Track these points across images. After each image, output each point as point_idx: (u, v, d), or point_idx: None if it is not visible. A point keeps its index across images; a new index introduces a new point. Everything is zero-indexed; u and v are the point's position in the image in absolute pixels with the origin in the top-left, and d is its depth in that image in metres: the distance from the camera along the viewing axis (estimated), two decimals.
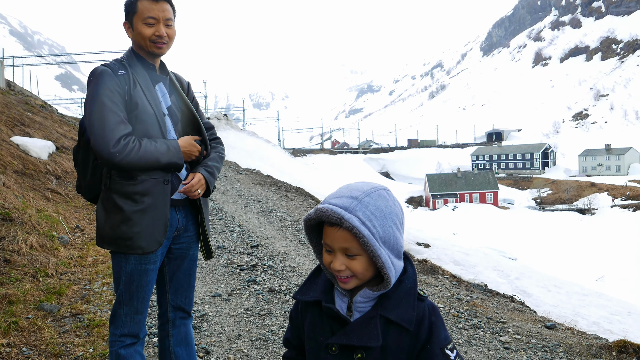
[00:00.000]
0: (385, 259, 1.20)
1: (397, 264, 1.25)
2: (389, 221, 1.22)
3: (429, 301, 1.30)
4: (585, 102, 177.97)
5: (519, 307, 4.96)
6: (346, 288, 1.27)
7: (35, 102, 14.09)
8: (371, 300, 1.26)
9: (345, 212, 1.19)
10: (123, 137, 2.00)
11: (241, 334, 3.71)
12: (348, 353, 1.25)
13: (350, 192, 1.23)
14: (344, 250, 1.22)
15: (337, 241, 1.22)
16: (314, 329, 1.34)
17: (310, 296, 1.34)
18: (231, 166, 17.24)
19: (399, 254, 1.26)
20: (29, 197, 6.35)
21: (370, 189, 1.24)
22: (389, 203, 1.24)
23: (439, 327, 1.27)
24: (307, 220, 1.26)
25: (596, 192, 68.07)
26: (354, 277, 1.24)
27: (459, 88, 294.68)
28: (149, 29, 2.13)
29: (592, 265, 23.23)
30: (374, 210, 1.20)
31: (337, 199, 1.23)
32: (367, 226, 1.18)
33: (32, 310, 3.72)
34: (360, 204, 1.20)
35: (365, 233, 1.17)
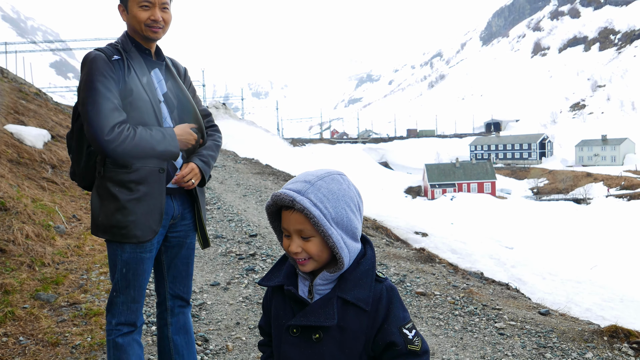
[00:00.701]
0: (336, 239, 1.24)
1: (352, 246, 1.29)
2: (341, 203, 1.27)
3: (387, 282, 1.34)
4: (583, 92, 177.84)
5: (514, 294, 4.99)
6: (305, 270, 1.31)
7: (29, 90, 13.98)
8: (330, 282, 1.31)
9: (297, 195, 1.24)
10: (117, 124, 1.97)
11: (240, 322, 3.72)
12: (308, 334, 1.30)
13: (305, 177, 1.29)
14: (299, 233, 1.27)
15: (291, 224, 1.27)
16: (278, 313, 1.38)
17: (274, 281, 1.39)
18: (230, 155, 17.20)
19: (354, 236, 1.30)
20: (24, 186, 6.32)
21: (324, 174, 1.30)
22: (342, 186, 1.29)
23: (396, 307, 1.30)
24: (267, 207, 1.32)
25: (592, 182, 68.29)
26: (311, 260, 1.29)
27: (458, 78, 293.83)
28: (144, 12, 2.09)
29: (586, 254, 23.38)
30: (326, 193, 1.26)
31: (292, 184, 1.29)
32: (319, 207, 1.23)
33: (29, 299, 3.72)
34: (313, 187, 1.26)
35: (315, 213, 1.22)
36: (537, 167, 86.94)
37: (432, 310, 4.08)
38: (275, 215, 1.35)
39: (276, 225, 1.36)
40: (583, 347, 3.32)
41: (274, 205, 1.30)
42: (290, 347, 1.32)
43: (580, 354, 3.23)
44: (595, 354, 3.22)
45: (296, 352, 1.31)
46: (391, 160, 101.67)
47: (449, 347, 3.42)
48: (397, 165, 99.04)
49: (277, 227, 1.36)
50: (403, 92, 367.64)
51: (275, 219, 1.36)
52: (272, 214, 1.34)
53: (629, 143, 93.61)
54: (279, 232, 1.36)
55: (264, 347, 1.51)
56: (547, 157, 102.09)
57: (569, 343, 3.40)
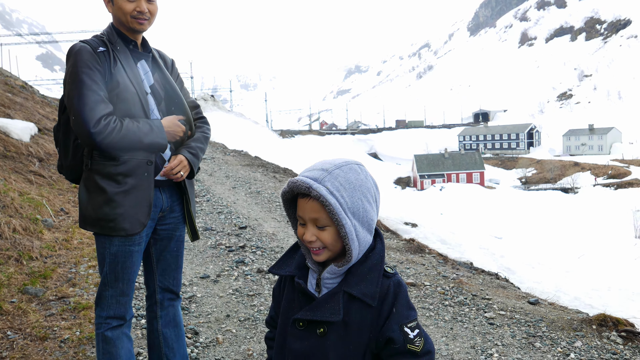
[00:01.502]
0: (349, 229, 1.22)
1: (364, 238, 1.27)
2: (358, 193, 1.25)
3: (395, 278, 1.31)
4: (570, 82, 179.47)
5: (504, 284, 5.05)
6: (318, 260, 1.29)
7: (15, 83, 13.74)
8: (338, 276, 1.29)
9: (313, 182, 1.22)
10: (104, 116, 1.94)
11: (230, 315, 3.71)
12: (312, 328, 1.29)
13: (322, 165, 1.27)
14: (314, 221, 1.25)
15: (307, 212, 1.25)
16: (288, 304, 1.37)
17: (285, 270, 1.38)
18: (219, 147, 17.10)
19: (370, 228, 1.28)
20: (10, 179, 6.23)
21: (341, 162, 1.28)
22: (359, 176, 1.27)
23: (400, 304, 1.28)
24: (283, 194, 1.30)
25: (579, 171, 69.11)
26: (325, 249, 1.27)
27: (446, 68, 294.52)
28: (129, 4, 2.06)
29: (574, 243, 23.69)
30: (343, 182, 1.24)
31: (309, 171, 1.27)
32: (335, 195, 1.22)
33: (17, 294, 3.68)
34: (330, 175, 1.24)
35: (331, 201, 1.21)
36: (525, 157, 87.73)
37: (422, 300, 4.11)
38: (291, 202, 1.33)
39: (291, 212, 1.34)
40: (572, 336, 3.37)
41: (290, 192, 1.28)
42: (294, 340, 1.31)
43: (569, 343, 3.28)
44: (584, 343, 3.27)
45: (300, 345, 1.30)
46: (380, 151, 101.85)
47: (439, 337, 3.45)
48: (386, 157, 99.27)
49: (292, 215, 1.34)
50: (391, 83, 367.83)
51: (291, 207, 1.34)
52: (287, 201, 1.32)
53: (616, 132, 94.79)
54: (294, 219, 1.34)
55: (271, 342, 1.48)
56: (535, 147, 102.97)
57: (558, 332, 3.45)
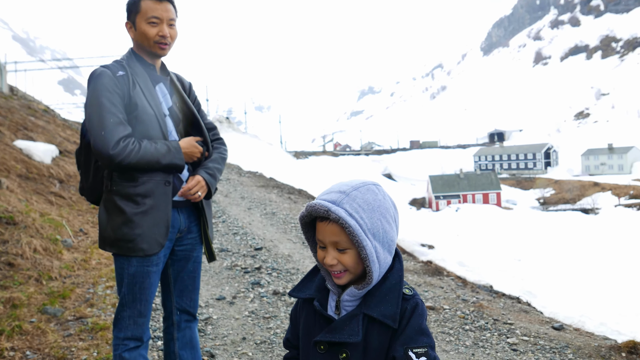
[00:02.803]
0: (370, 250, 1.20)
1: (385, 259, 1.25)
2: (376, 214, 1.23)
3: (414, 300, 1.27)
4: (587, 101, 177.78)
5: (526, 308, 4.91)
6: (340, 283, 1.28)
7: (37, 107, 14.11)
8: (357, 299, 1.27)
9: (332, 205, 1.21)
10: (122, 138, 1.98)
11: (246, 337, 3.67)
12: (335, 352, 1.27)
13: (340, 187, 1.26)
14: (335, 245, 1.24)
15: (327, 235, 1.24)
16: (307, 327, 1.36)
17: (305, 293, 1.36)
18: (234, 169, 17.23)
19: (390, 249, 1.26)
20: (32, 200, 6.34)
21: (358, 184, 1.27)
22: (377, 197, 1.25)
23: (412, 326, 1.24)
24: (301, 218, 1.29)
25: (599, 191, 67.78)
26: (347, 272, 1.25)
27: (459, 88, 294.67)
28: (152, 28, 2.11)
29: (596, 265, 23.07)
30: (362, 203, 1.22)
31: (327, 194, 1.26)
32: (354, 217, 1.20)
33: (36, 313, 3.70)
34: (348, 197, 1.23)
35: (351, 223, 1.19)
36: (543, 177, 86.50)
37: (441, 325, 4.02)
38: (309, 226, 1.32)
39: (309, 236, 1.33)
40: None
41: (308, 216, 1.28)
42: None
43: None
44: None
45: None
46: (394, 172, 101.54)
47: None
48: (400, 177, 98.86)
49: (311, 238, 1.33)
50: (405, 104, 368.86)
51: (309, 230, 1.33)
52: (305, 225, 1.32)
53: (636, 151, 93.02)
54: (313, 243, 1.33)
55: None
56: (553, 166, 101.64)
57: (586, 359, 3.33)
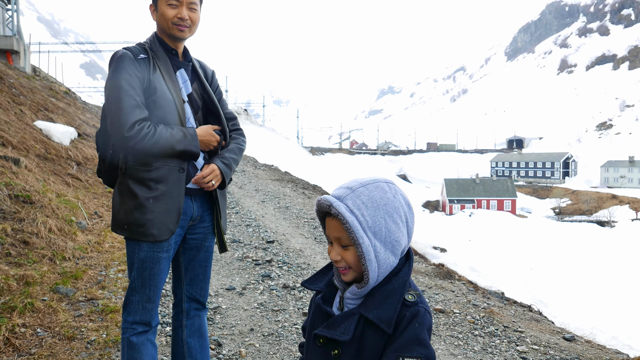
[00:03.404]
0: (366, 249, 1.18)
1: (386, 259, 1.21)
2: (381, 212, 1.20)
3: (416, 308, 1.21)
4: (610, 111, 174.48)
5: (537, 317, 4.84)
6: (346, 280, 1.27)
7: (59, 89, 14.31)
8: (359, 298, 1.26)
9: (335, 200, 1.21)
10: (138, 121, 1.96)
11: (254, 329, 3.68)
12: (329, 348, 1.26)
13: (349, 183, 1.25)
14: (338, 240, 1.24)
15: (331, 230, 1.25)
16: (313, 319, 1.37)
17: (316, 286, 1.37)
18: (249, 161, 17.29)
19: (394, 250, 1.22)
20: (49, 181, 6.43)
21: (368, 180, 1.25)
22: (386, 195, 1.22)
23: (408, 334, 1.18)
24: (316, 212, 1.30)
25: (617, 204, 66.63)
26: (351, 269, 1.24)
27: (481, 93, 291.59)
28: (171, 10, 2.10)
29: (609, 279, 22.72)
30: (366, 200, 1.20)
31: (336, 190, 1.25)
32: (355, 214, 1.19)
33: (48, 292, 3.75)
34: (353, 193, 1.21)
35: (349, 220, 1.18)
36: (560, 187, 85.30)
37: (450, 328, 3.98)
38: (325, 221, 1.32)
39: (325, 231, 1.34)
40: None
41: (319, 211, 1.28)
42: (314, 356, 1.30)
43: None
44: None
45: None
46: (410, 173, 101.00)
47: None
48: (415, 179, 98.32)
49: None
50: (424, 105, 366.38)
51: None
52: (322, 220, 1.32)
53: None
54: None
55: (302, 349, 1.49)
56: (571, 176, 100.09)
57: None
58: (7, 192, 4.97)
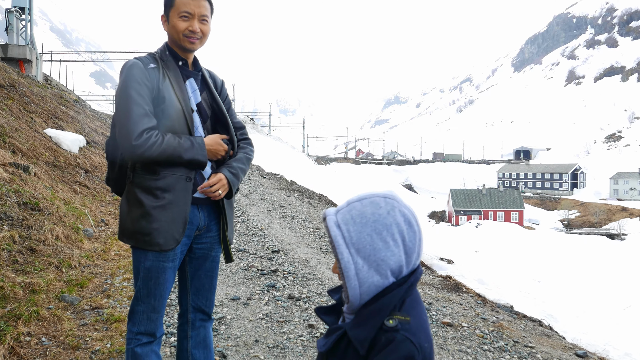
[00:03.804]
0: (345, 265, 1.16)
1: (369, 278, 1.16)
2: (368, 228, 1.16)
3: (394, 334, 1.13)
4: (619, 123, 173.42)
5: (548, 332, 4.75)
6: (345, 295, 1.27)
7: (69, 97, 14.44)
8: (352, 313, 1.25)
9: (330, 213, 1.22)
10: (146, 130, 1.97)
11: (258, 340, 3.63)
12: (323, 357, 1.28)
13: (352, 197, 1.25)
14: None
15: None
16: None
17: (336, 296, 1.38)
18: (255, 170, 17.31)
19: (379, 269, 1.16)
20: (57, 188, 6.45)
21: (367, 195, 1.23)
22: (379, 211, 1.18)
23: None
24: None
25: (627, 217, 65.90)
26: None
27: (487, 103, 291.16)
28: (183, 22, 2.11)
29: (620, 292, 22.37)
30: (355, 215, 1.19)
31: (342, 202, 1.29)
32: (341, 229, 1.19)
33: (54, 300, 3.73)
34: (347, 208, 1.21)
35: (332, 234, 1.19)
36: (568, 199, 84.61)
37: (459, 342, 3.91)
38: None
39: None
40: None
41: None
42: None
43: None
44: None
45: None
46: (415, 184, 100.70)
47: None
48: (421, 189, 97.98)
49: None
50: (430, 116, 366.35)
51: None
52: None
53: None
54: None
55: None
56: (579, 188, 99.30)
57: None
58: (15, 199, 4.98)
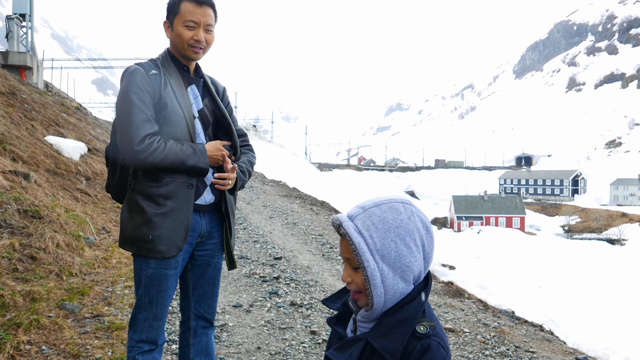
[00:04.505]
0: (372, 273, 1.12)
1: (394, 285, 1.14)
2: (392, 234, 1.14)
3: (426, 341, 1.14)
4: (619, 130, 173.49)
5: (549, 337, 4.73)
6: (360, 304, 1.22)
7: (70, 104, 14.49)
8: (370, 321, 1.21)
9: (345, 220, 1.16)
10: (148, 135, 1.96)
11: (260, 347, 3.62)
12: None
13: (364, 203, 1.20)
14: (349, 261, 1.19)
15: (342, 251, 1.21)
16: (330, 338, 1.35)
17: (335, 305, 1.33)
18: (257, 177, 17.32)
19: (404, 275, 1.15)
20: (58, 196, 6.46)
21: (383, 200, 1.19)
22: (400, 216, 1.15)
23: None
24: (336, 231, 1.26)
25: (627, 222, 65.83)
26: (362, 293, 1.19)
27: (489, 110, 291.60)
28: (188, 32, 2.10)
29: (620, 298, 22.32)
30: (376, 221, 1.15)
31: (352, 209, 1.21)
32: (363, 235, 1.14)
33: (54, 309, 3.72)
34: (365, 213, 1.16)
35: (356, 241, 1.13)
36: (569, 205, 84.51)
37: (461, 348, 3.90)
38: None
39: None
40: None
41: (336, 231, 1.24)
42: None
43: None
44: None
45: None
46: (418, 190, 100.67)
47: None
48: (423, 195, 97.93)
49: None
50: (432, 122, 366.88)
51: None
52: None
53: None
54: None
55: None
56: (580, 194, 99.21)
57: None
58: (16, 207, 4.99)
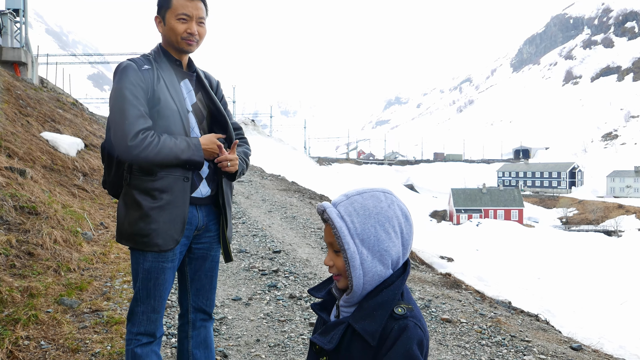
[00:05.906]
0: (351, 255, 1.19)
1: (373, 268, 1.21)
2: (372, 220, 1.21)
3: (404, 322, 1.18)
4: (616, 122, 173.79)
5: (544, 327, 4.78)
6: (339, 287, 1.28)
7: (66, 100, 14.43)
8: (351, 306, 1.26)
9: (328, 206, 1.24)
10: (142, 131, 1.97)
11: (260, 339, 3.65)
12: (320, 355, 1.28)
13: (348, 192, 1.27)
14: (331, 246, 1.26)
15: (326, 236, 1.27)
16: (315, 325, 1.41)
17: (320, 293, 1.38)
18: (256, 171, 17.32)
19: (382, 259, 1.22)
20: (55, 192, 6.46)
21: (365, 189, 1.26)
22: (380, 204, 1.23)
23: (396, 351, 1.15)
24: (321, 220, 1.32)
25: (623, 214, 66.14)
26: (342, 276, 1.25)
27: (487, 103, 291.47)
28: (181, 25, 2.10)
29: (617, 288, 22.44)
30: (358, 207, 1.22)
31: (336, 197, 1.28)
32: (345, 220, 1.20)
33: (53, 304, 3.74)
34: (347, 200, 1.23)
35: (338, 225, 1.19)
36: (567, 197, 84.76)
37: (457, 338, 3.93)
38: None
39: None
40: None
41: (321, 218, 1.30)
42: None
43: None
44: None
45: None
46: (417, 183, 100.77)
47: None
48: (422, 189, 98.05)
49: None
50: (431, 116, 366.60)
51: None
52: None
53: None
54: None
55: None
56: (577, 186, 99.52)
57: None
58: (12, 204, 4.99)
